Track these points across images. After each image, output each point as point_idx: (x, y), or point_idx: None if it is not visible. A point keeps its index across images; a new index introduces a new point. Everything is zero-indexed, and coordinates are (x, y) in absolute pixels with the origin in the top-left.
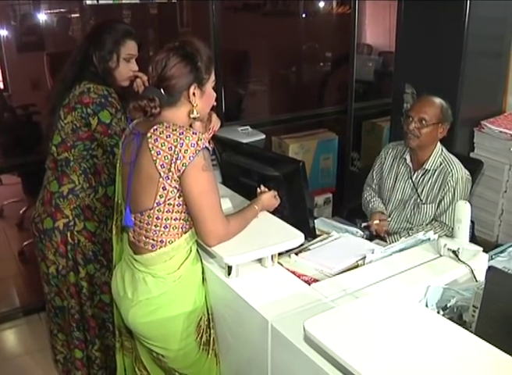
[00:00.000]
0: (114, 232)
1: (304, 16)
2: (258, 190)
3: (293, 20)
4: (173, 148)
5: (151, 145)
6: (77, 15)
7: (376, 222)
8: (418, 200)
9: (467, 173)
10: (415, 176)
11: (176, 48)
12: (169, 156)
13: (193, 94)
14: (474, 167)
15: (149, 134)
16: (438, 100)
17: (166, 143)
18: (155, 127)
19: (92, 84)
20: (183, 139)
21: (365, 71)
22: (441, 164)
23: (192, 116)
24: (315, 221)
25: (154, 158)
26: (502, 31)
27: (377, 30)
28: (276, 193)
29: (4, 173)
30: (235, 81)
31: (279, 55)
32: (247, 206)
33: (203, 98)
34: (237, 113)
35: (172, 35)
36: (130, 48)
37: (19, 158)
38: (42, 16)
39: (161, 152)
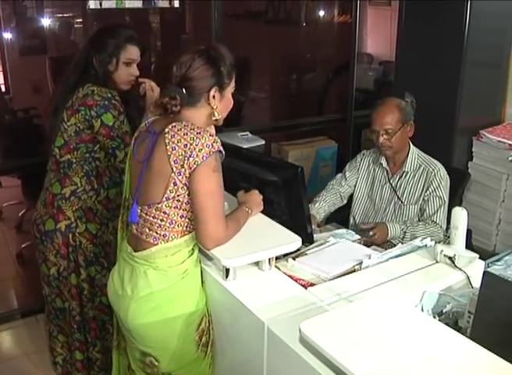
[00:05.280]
0: (119, 226)
1: (305, 24)
2: (241, 193)
3: (294, 29)
4: (188, 145)
5: (167, 140)
6: (80, 19)
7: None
8: (399, 202)
9: (446, 172)
10: (393, 179)
11: (201, 51)
12: (183, 153)
13: (213, 96)
14: (460, 178)
15: (167, 130)
16: (394, 102)
17: (182, 140)
18: (174, 124)
19: (96, 87)
20: (199, 138)
21: (365, 80)
22: (420, 165)
23: (213, 118)
24: None
25: (169, 153)
26: (501, 42)
27: (378, 39)
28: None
29: (4, 175)
30: (235, 88)
31: (279, 62)
32: (239, 209)
33: (221, 102)
34: (237, 120)
35: (174, 41)
36: (131, 52)
37: (19, 161)
38: (45, 20)
39: (177, 148)
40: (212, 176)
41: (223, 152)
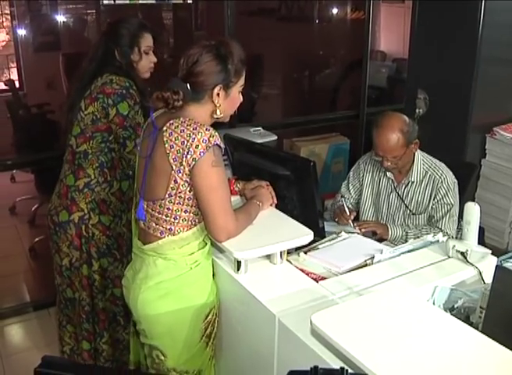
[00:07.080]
0: (133, 218)
1: (318, 21)
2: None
3: (307, 25)
4: (185, 142)
5: (165, 139)
6: (93, 16)
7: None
8: (408, 211)
9: (453, 175)
10: (399, 188)
11: (210, 46)
12: (181, 150)
13: (218, 94)
14: (468, 171)
15: (165, 128)
16: (397, 126)
17: (180, 137)
18: (171, 122)
19: (114, 76)
20: (195, 134)
21: (378, 77)
22: (427, 173)
23: (215, 116)
24: None
25: (168, 151)
26: None
27: (391, 36)
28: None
29: (17, 169)
30: (248, 84)
31: (292, 59)
32: (249, 202)
33: (226, 101)
34: (250, 116)
35: (187, 38)
36: (148, 40)
37: (32, 156)
38: (59, 17)
39: (174, 146)
40: (212, 171)
41: (221, 146)
